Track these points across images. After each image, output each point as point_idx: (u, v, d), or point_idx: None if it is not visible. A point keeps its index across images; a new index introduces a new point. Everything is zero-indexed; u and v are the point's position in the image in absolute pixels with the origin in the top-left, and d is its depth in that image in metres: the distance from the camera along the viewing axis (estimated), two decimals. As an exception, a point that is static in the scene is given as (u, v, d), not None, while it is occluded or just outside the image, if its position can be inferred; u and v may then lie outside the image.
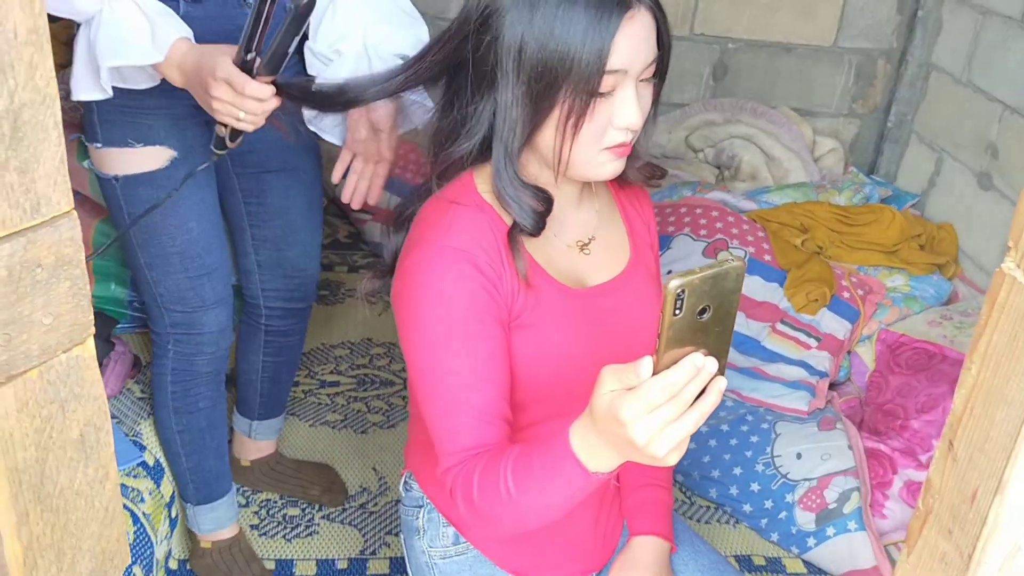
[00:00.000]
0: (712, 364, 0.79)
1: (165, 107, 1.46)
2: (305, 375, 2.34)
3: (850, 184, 2.84)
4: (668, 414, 0.79)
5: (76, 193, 1.78)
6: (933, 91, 2.90)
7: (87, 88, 1.32)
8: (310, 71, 1.47)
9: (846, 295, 2.41)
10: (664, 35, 1.07)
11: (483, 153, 1.10)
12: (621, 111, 1.04)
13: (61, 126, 0.53)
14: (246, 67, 1.20)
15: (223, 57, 1.21)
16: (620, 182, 1.24)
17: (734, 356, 2.26)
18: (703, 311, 0.77)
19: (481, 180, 1.12)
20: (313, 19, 1.42)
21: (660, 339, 0.77)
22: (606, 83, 1.02)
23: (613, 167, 1.08)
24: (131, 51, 1.25)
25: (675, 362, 0.78)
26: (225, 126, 1.29)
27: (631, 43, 1.02)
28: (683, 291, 0.75)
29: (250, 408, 1.96)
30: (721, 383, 0.81)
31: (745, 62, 3.07)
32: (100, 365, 1.79)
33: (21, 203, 0.52)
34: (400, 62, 1.20)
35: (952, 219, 2.73)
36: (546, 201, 1.10)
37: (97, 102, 1.44)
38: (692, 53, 3.06)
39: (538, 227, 1.10)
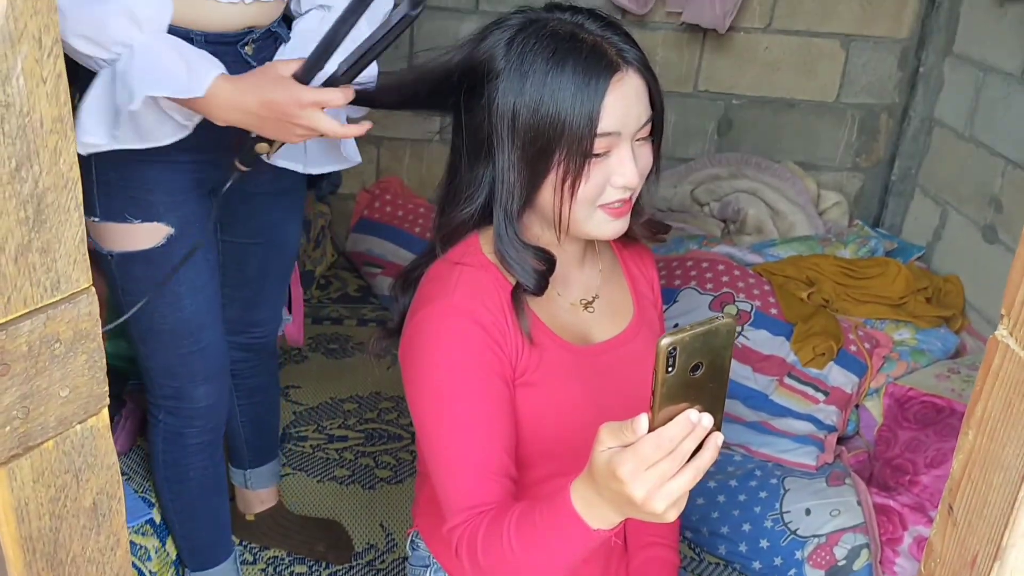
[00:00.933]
0: (708, 419, 0.80)
1: (167, 181, 1.47)
2: (314, 429, 2.35)
3: (855, 237, 2.86)
4: (665, 470, 0.80)
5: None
6: (936, 145, 2.93)
7: (94, 131, 1.29)
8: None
9: (853, 348, 2.41)
10: (656, 94, 1.10)
11: (486, 217, 1.13)
12: (618, 171, 1.07)
13: (81, 208, 0.56)
14: (326, 81, 1.24)
15: (294, 85, 1.24)
16: (624, 240, 1.26)
17: (742, 410, 2.26)
18: (696, 368, 0.79)
19: (486, 241, 1.14)
20: None
21: (654, 396, 0.79)
22: (599, 145, 1.05)
23: (614, 226, 1.11)
24: (172, 82, 1.24)
25: (671, 418, 0.80)
26: (270, 142, 1.31)
27: (621, 105, 1.05)
28: (675, 349, 0.77)
29: (240, 458, 1.95)
30: (718, 438, 0.82)
31: (749, 118, 3.11)
32: (111, 422, 1.80)
33: (42, 281, 0.54)
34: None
35: (958, 271, 2.75)
36: (548, 261, 1.13)
37: (98, 174, 1.44)
38: (697, 109, 3.11)
39: (541, 287, 1.12)
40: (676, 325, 2.59)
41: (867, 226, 3.03)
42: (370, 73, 1.30)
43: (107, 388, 0.61)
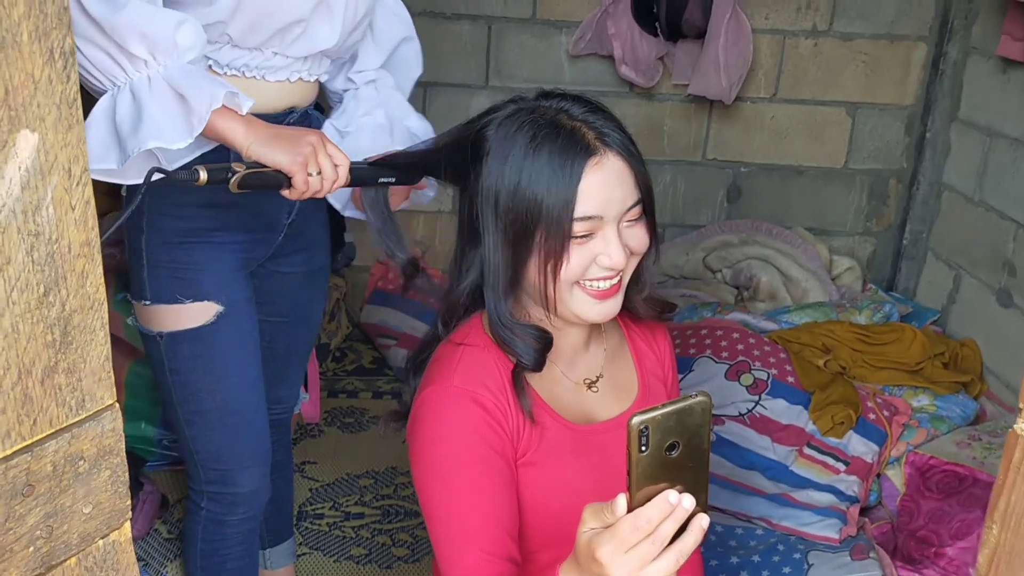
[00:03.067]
0: (688, 501, 0.79)
1: (214, 261, 1.50)
2: (329, 507, 2.33)
3: (869, 303, 2.86)
4: (645, 553, 0.79)
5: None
6: (946, 209, 2.94)
7: (103, 158, 1.27)
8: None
9: (872, 416, 2.39)
10: (642, 176, 1.11)
11: (482, 296, 1.15)
12: (603, 252, 1.08)
13: (108, 326, 0.57)
14: None
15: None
16: (633, 317, 1.26)
17: (762, 482, 2.24)
18: (672, 447, 0.79)
19: (487, 321, 1.15)
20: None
21: (629, 477, 0.79)
22: (580, 228, 1.07)
23: (601, 309, 1.12)
24: (168, 131, 1.24)
25: (650, 499, 0.79)
26: (251, 170, 1.27)
27: (601, 190, 1.06)
28: (646, 428, 0.77)
29: (259, 537, 1.94)
30: (703, 520, 0.81)
31: (758, 185, 3.14)
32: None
33: (67, 401, 0.55)
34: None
35: (974, 335, 2.73)
36: (543, 339, 1.14)
37: (148, 258, 1.49)
38: (706, 177, 3.14)
39: (538, 364, 1.13)
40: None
41: (881, 290, 3.03)
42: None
43: (129, 501, 0.61)
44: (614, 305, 1.13)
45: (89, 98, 1.28)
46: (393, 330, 3.03)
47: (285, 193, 1.30)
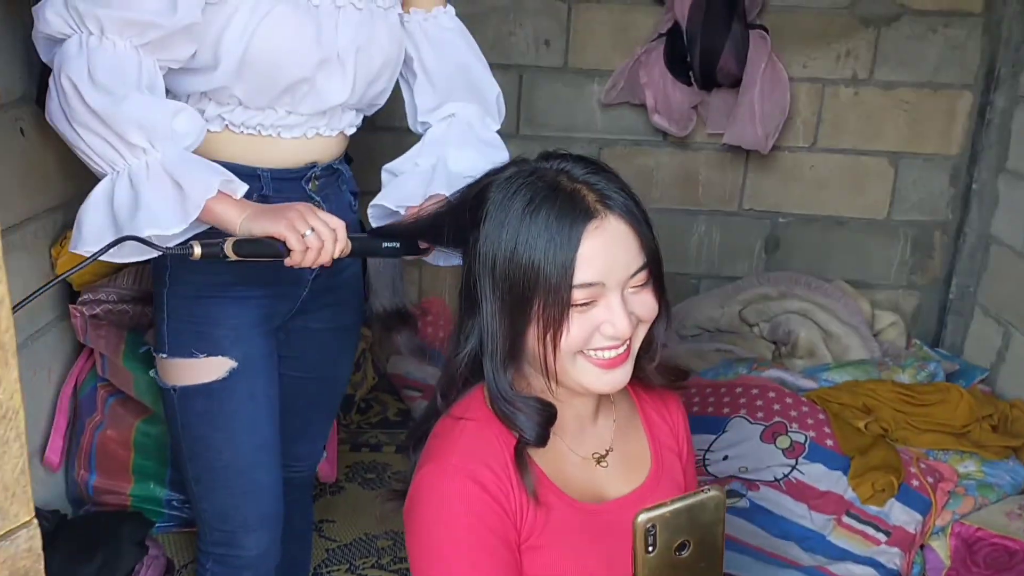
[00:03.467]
0: None
1: (234, 316, 1.48)
2: (346, 569, 2.26)
3: (913, 361, 2.73)
4: None
5: (119, 393, 1.79)
6: (994, 263, 2.82)
7: (99, 242, 1.24)
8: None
9: (915, 483, 2.27)
10: (647, 240, 1.05)
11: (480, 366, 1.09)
12: (606, 320, 1.02)
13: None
14: None
15: None
16: (644, 386, 1.20)
17: (797, 554, 2.12)
18: (682, 547, 0.72)
19: (488, 394, 1.09)
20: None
21: None
22: (580, 295, 1.01)
23: (608, 379, 1.05)
24: (163, 219, 1.22)
25: None
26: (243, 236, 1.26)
27: (602, 255, 1.01)
28: (653, 526, 0.71)
29: None
30: None
31: (797, 236, 3.05)
32: (131, 572, 1.76)
33: (-25, 520, 0.49)
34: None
35: (1026, 396, 2.60)
36: (545, 412, 1.07)
37: (169, 311, 1.49)
38: (743, 228, 3.05)
39: (541, 438, 1.06)
40: (725, 458, 2.48)
41: (926, 347, 2.91)
42: None
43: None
44: (622, 375, 1.07)
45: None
46: (419, 381, 2.97)
47: (287, 261, 1.27)
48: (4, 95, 1.71)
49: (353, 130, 1.57)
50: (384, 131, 2.15)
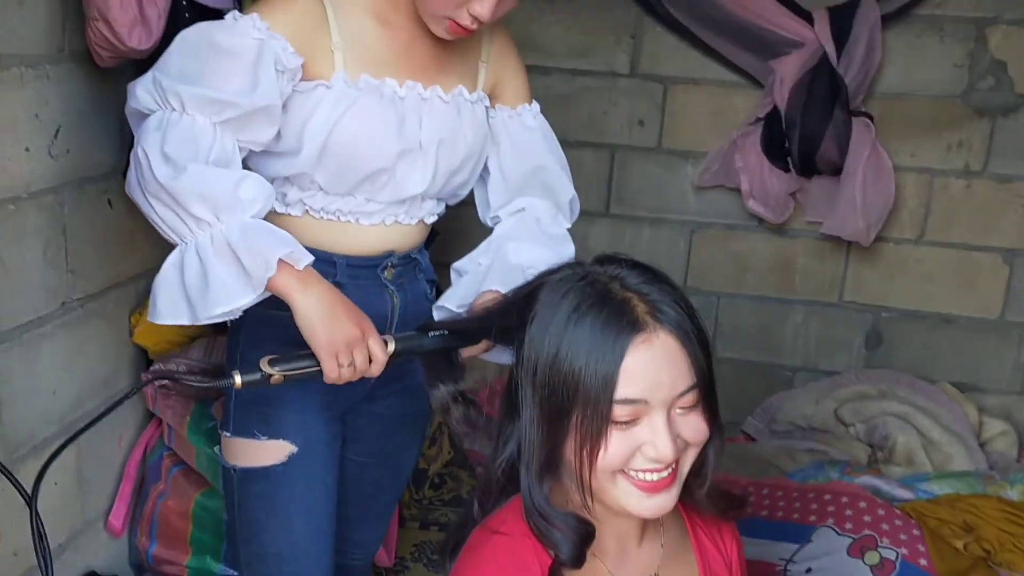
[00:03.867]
0: None
1: (298, 400, 1.48)
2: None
3: (1024, 476, 2.52)
4: None
5: (183, 464, 1.80)
6: (1122, 375, 2.59)
7: (173, 315, 1.28)
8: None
9: (1021, 617, 2.06)
10: (698, 359, 0.98)
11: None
12: (648, 441, 0.96)
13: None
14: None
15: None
16: (698, 508, 1.12)
17: None
18: None
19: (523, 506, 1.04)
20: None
21: None
22: (622, 412, 0.95)
23: (651, 504, 0.99)
24: (233, 294, 1.25)
25: None
26: (284, 372, 1.26)
27: (647, 371, 0.95)
28: None
29: None
30: None
31: (900, 332, 2.88)
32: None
33: None
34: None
35: None
36: (582, 530, 1.01)
37: (236, 393, 1.48)
38: (842, 321, 2.91)
39: (576, 559, 1.00)
40: (808, 570, 2.32)
41: (1041, 461, 2.68)
42: None
43: None
44: (666, 500, 1.00)
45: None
46: (494, 461, 2.91)
47: (324, 378, 1.28)
48: (96, 168, 1.77)
49: (434, 219, 1.56)
50: (472, 205, 2.14)
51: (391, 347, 1.31)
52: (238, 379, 1.23)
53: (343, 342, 1.26)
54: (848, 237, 2.69)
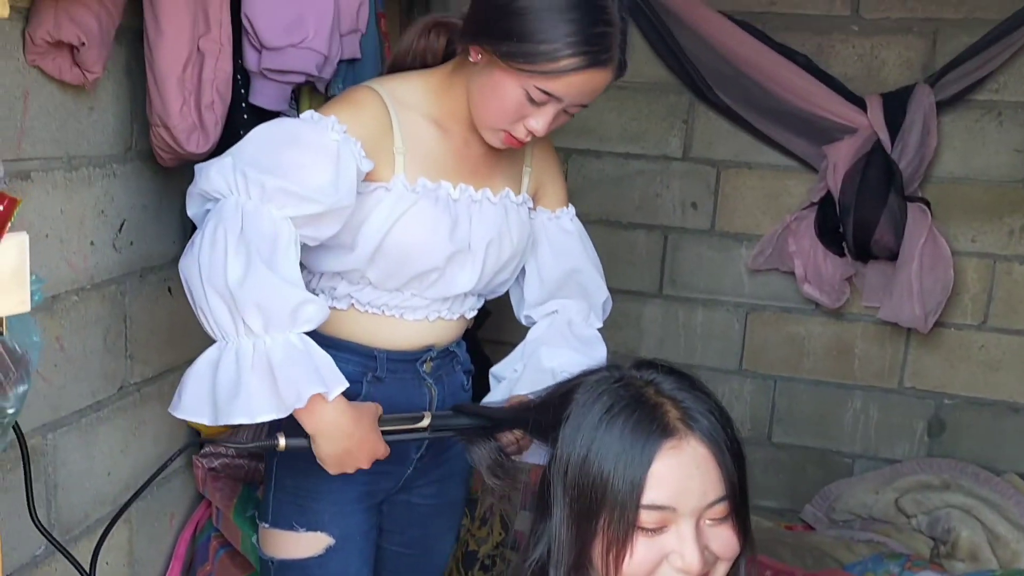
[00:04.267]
0: None
1: (336, 491, 1.50)
2: None
3: (1099, 578, 2.39)
4: None
5: (229, 546, 1.83)
6: None
7: (196, 413, 1.31)
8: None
9: None
10: (729, 470, 0.97)
11: None
12: (676, 551, 0.96)
13: None
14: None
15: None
16: None
17: None
18: None
19: None
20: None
21: None
22: (648, 518, 0.95)
23: None
24: (257, 407, 1.28)
25: None
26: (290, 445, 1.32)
27: (675, 477, 0.95)
28: None
29: None
30: None
31: (964, 420, 2.78)
32: None
33: None
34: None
35: None
36: None
37: (276, 481, 1.53)
38: (902, 407, 2.83)
39: None
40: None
41: (1117, 561, 2.54)
42: None
43: None
44: None
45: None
46: (545, 543, 2.88)
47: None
48: (158, 258, 1.85)
49: (473, 313, 1.60)
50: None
51: (425, 421, 1.36)
52: (282, 441, 1.29)
53: (350, 463, 1.33)
54: (905, 324, 2.63)
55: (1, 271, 0.72)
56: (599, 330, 1.66)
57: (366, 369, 1.49)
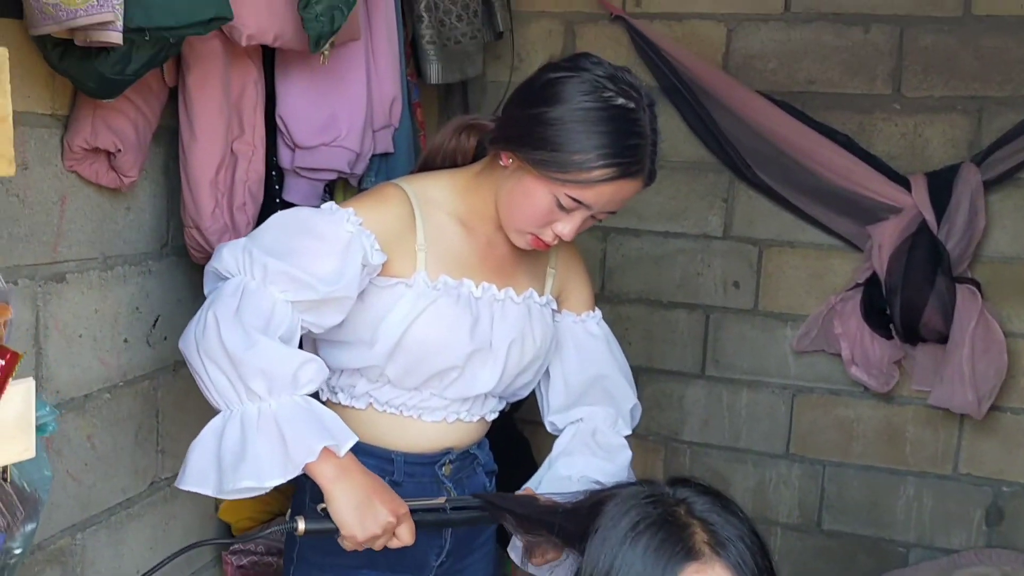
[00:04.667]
0: None
1: (368, 565, 1.47)
2: None
3: None
4: None
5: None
6: None
7: (200, 483, 1.29)
8: None
9: None
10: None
11: None
12: None
13: None
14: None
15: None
16: None
17: None
18: None
19: None
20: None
21: None
22: None
23: None
24: (266, 471, 1.27)
25: None
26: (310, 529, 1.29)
27: None
28: None
29: None
30: None
31: (1024, 509, 2.66)
32: None
33: None
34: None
35: None
36: None
37: (297, 556, 1.49)
38: (958, 494, 2.71)
39: None
40: None
41: None
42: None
43: None
44: None
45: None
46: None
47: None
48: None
49: (495, 415, 1.57)
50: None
51: (441, 499, 1.37)
52: (301, 525, 1.27)
53: (374, 532, 1.27)
54: (958, 410, 2.54)
55: (4, 420, 0.72)
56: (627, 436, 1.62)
57: (383, 472, 1.47)
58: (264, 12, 1.44)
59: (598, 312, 1.62)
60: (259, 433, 1.27)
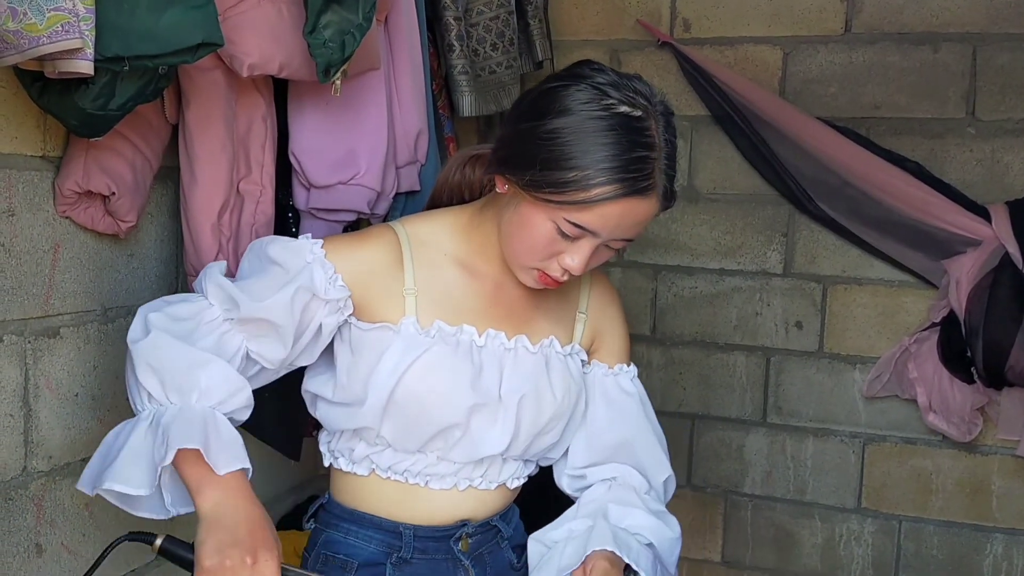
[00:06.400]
0: None
1: None
2: None
3: None
4: None
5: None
6: None
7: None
8: None
9: None
10: None
11: None
12: None
13: None
14: None
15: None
16: None
17: None
18: None
19: None
20: None
21: None
22: None
23: None
24: (134, 475, 1.13)
25: None
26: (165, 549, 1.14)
27: None
28: None
29: None
30: None
31: None
32: None
33: None
34: None
35: None
36: None
37: None
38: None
39: None
40: None
41: None
42: None
43: None
44: None
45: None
46: None
47: None
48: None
49: (519, 483, 1.39)
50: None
51: None
52: (158, 541, 1.14)
53: (230, 569, 1.07)
54: (1052, 463, 2.29)
55: None
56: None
57: (390, 549, 1.30)
58: (267, 39, 1.31)
59: (634, 368, 1.43)
60: (138, 433, 1.15)
